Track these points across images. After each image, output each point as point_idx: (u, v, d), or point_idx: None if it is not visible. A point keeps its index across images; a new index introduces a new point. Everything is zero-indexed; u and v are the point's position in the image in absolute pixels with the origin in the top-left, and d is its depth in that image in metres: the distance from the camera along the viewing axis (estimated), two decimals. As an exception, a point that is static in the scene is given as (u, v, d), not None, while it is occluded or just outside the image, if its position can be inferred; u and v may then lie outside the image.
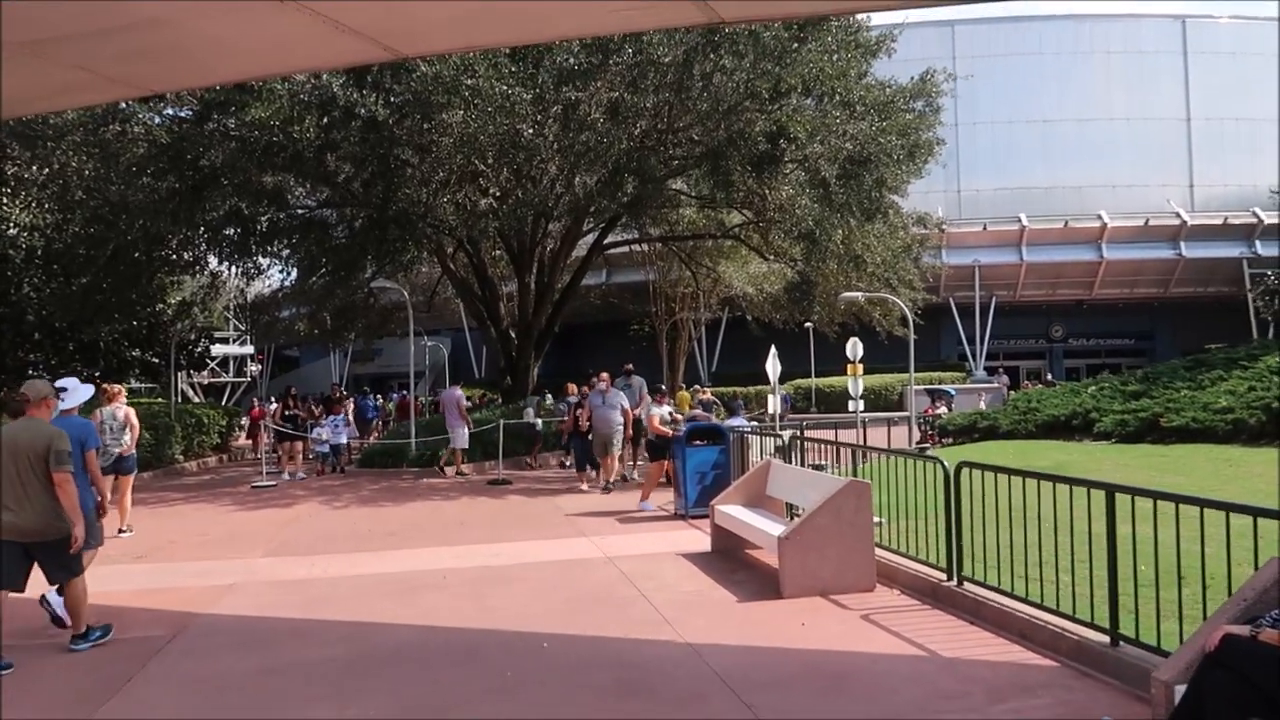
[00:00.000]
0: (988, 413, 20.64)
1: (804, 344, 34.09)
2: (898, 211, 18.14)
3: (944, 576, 6.67)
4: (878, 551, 7.28)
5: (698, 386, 30.21)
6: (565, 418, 16.27)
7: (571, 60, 14.74)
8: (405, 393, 32.01)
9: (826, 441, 9.74)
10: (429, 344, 34.85)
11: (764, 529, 7.59)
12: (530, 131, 15.56)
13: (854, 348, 17.53)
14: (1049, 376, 37.81)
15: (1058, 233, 38.33)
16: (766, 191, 17.92)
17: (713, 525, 8.85)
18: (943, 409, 24.60)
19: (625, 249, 30.65)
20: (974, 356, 39.39)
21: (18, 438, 5.99)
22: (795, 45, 15.04)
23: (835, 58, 15.44)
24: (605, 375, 14.90)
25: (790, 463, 9.57)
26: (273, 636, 6.52)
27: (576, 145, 15.29)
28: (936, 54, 30.06)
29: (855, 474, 9.24)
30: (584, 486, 14.36)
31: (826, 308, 21.41)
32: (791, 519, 8.87)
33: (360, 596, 7.64)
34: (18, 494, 5.90)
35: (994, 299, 39.48)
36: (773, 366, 16.93)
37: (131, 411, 10.93)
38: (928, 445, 18.96)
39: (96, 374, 26.37)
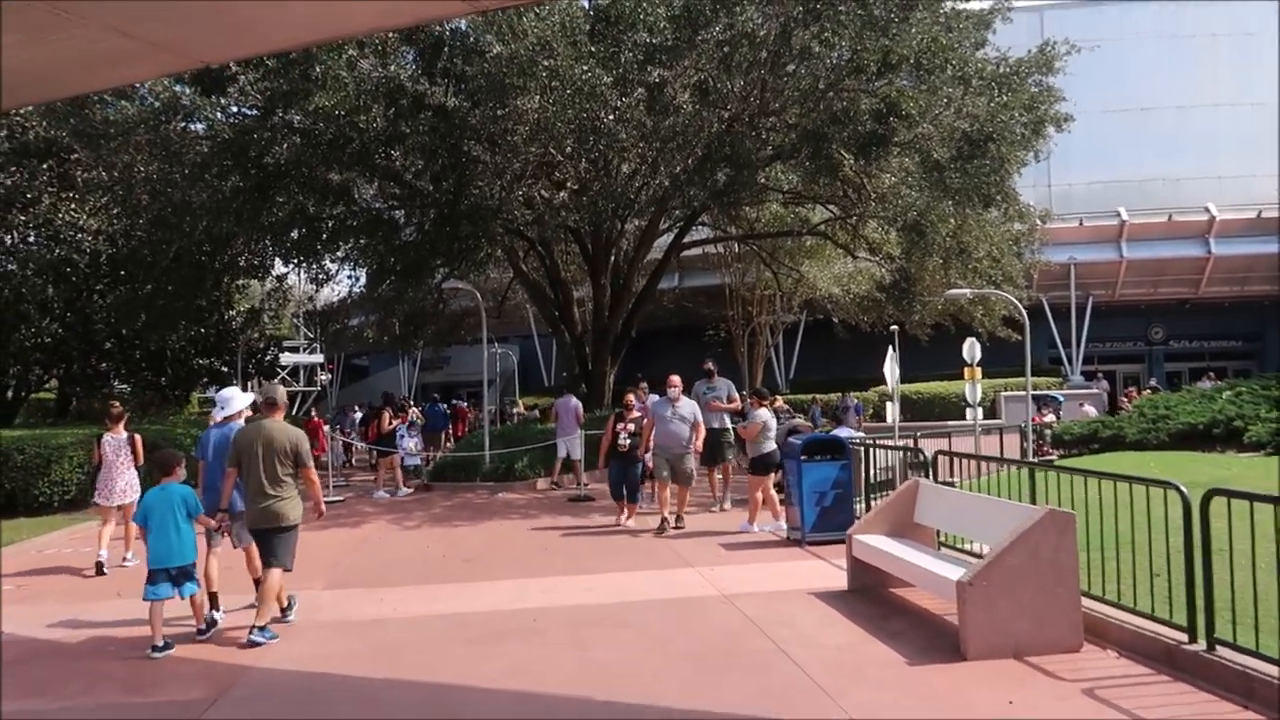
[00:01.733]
0: (1110, 421, 18.76)
1: (882, 348, 32.25)
2: (1015, 198, 16.43)
3: (1183, 637, 5.15)
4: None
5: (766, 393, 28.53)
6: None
7: (657, 37, 13.46)
8: (458, 401, 31.09)
9: (989, 459, 8.23)
10: (498, 351, 33.90)
11: (931, 569, 6.14)
12: (612, 117, 14.32)
13: (971, 349, 15.86)
14: (1152, 381, 35.30)
15: (1161, 227, 35.75)
16: (865, 180, 16.43)
17: (850, 558, 7.41)
18: (1050, 416, 22.69)
19: (699, 251, 29.29)
20: (1070, 360, 36.99)
21: (272, 437, 6.67)
22: (904, 14, 13.57)
23: (949, 27, 13.89)
24: (676, 379, 11.54)
25: (927, 479, 8.09)
26: (333, 702, 5.30)
27: (662, 130, 14.00)
28: (1024, 42, 28.18)
29: (989, 491, 7.75)
30: (627, 521, 11.42)
31: (926, 307, 19.71)
32: (939, 548, 7.43)
33: (437, 645, 6.39)
34: (267, 487, 6.61)
35: (1090, 299, 37.06)
36: (890, 370, 15.36)
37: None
38: (1052, 457, 17.16)
39: (163, 381, 25.99)
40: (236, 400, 7.68)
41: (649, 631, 6.48)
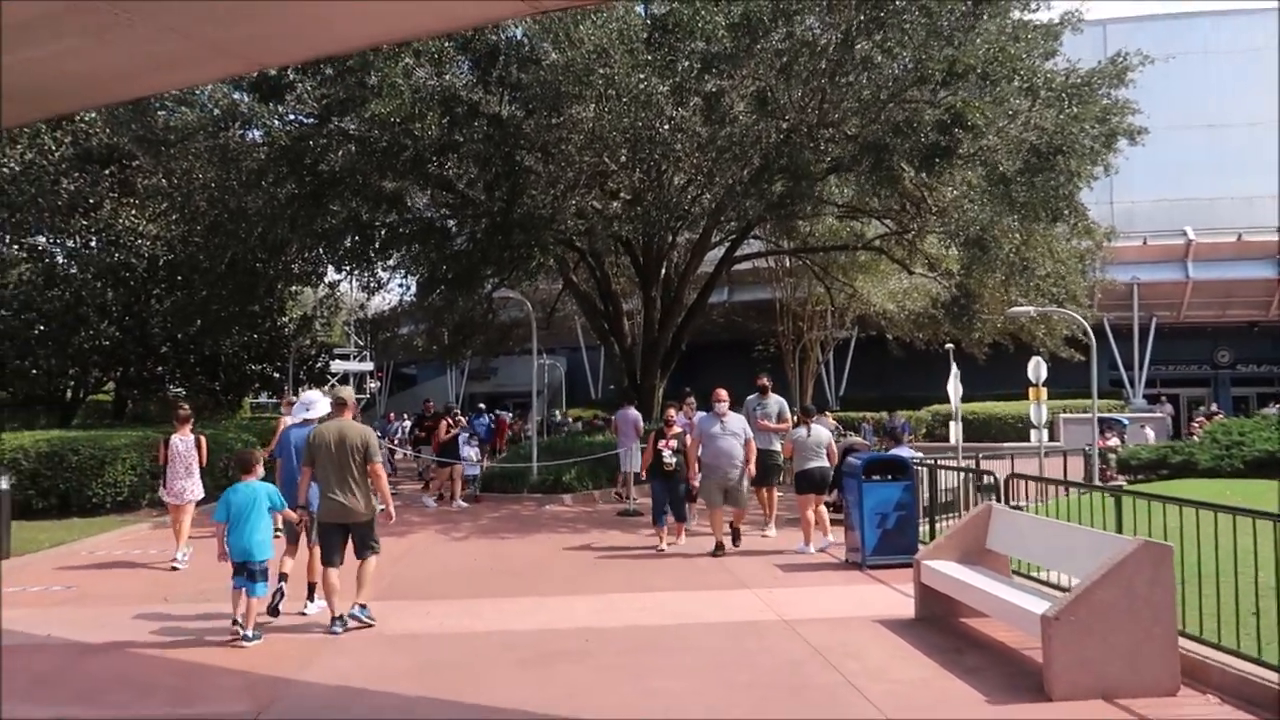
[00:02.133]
0: (1181, 446, 18.00)
1: (940, 366, 31.60)
2: (1084, 213, 15.86)
3: (1294, 683, 4.72)
4: (1174, 638, 5.35)
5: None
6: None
7: (715, 46, 13.21)
8: (501, 413, 30.92)
9: (1067, 483, 7.80)
10: (546, 362, 33.82)
11: (1011, 600, 5.75)
12: (667, 126, 14.10)
13: (1036, 369, 15.27)
14: (1214, 406, 34.08)
15: (1230, 247, 34.58)
16: (925, 193, 16.00)
17: (918, 585, 7.02)
18: (1114, 440, 21.89)
19: (749, 265, 28.92)
20: (1132, 383, 35.89)
21: (345, 434, 6.99)
22: (970, 23, 13.18)
23: (1016, 37, 13.46)
24: (723, 392, 10.62)
25: (997, 502, 7.68)
26: (378, 723, 5.07)
27: (718, 140, 13.74)
28: (1088, 57, 27.38)
29: (1057, 515, 7.30)
30: (663, 546, 10.52)
31: (986, 325, 19.14)
32: (1013, 575, 7.02)
33: (484, 664, 6.14)
34: (343, 482, 6.94)
35: (1154, 320, 35.96)
36: (954, 388, 14.86)
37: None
38: (1119, 482, 16.48)
39: (217, 385, 26.27)
40: (320, 403, 7.92)
41: (708, 658, 6.16)
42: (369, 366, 52.10)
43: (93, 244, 21.68)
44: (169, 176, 18.79)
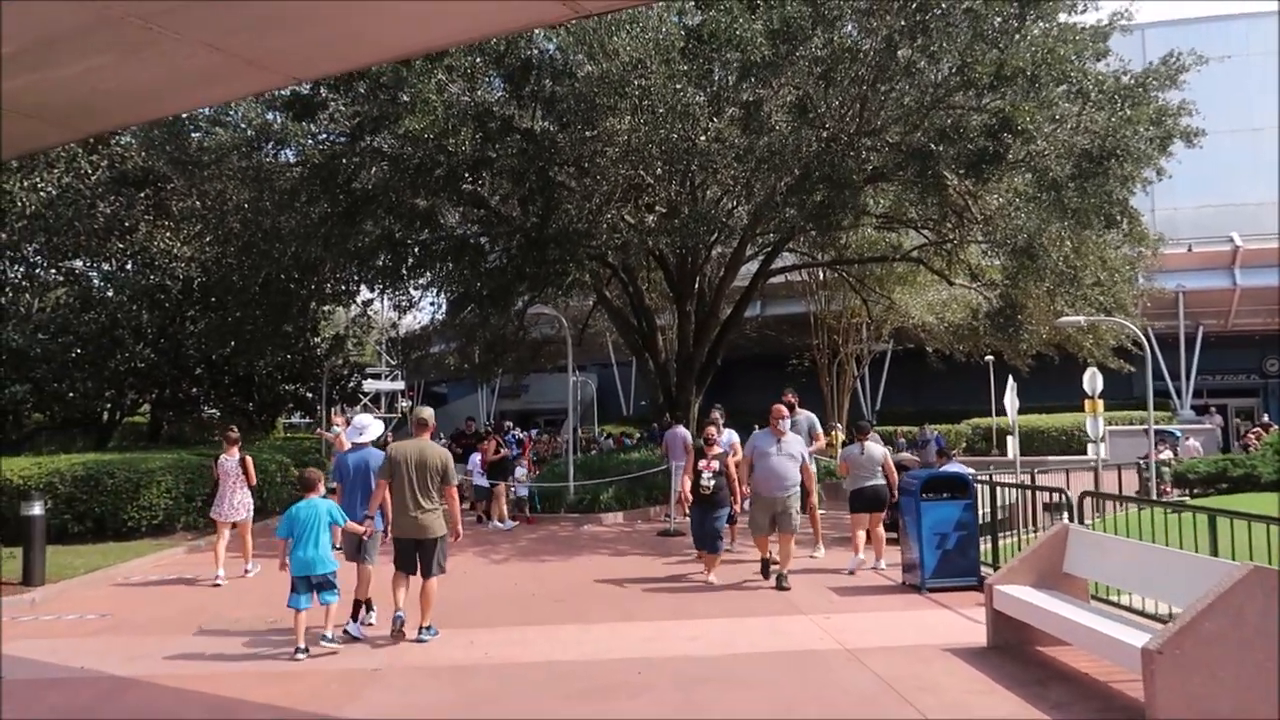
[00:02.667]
0: (1241, 459, 17.35)
1: (979, 379, 30.97)
2: (1138, 219, 15.33)
3: None
4: None
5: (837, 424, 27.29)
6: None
7: (754, 54, 12.90)
8: (532, 431, 30.57)
9: (1144, 501, 7.36)
10: (578, 379, 33.56)
11: (1103, 630, 5.33)
12: (704, 137, 13.81)
13: (1092, 380, 14.74)
14: (1265, 418, 33.08)
15: (1278, 253, 33.72)
16: (970, 201, 15.57)
17: (990, 611, 6.61)
18: (1167, 453, 21.21)
19: (782, 279, 28.48)
20: (1179, 394, 34.94)
21: (425, 454, 7.23)
22: (1017, 25, 12.78)
23: (1064, 39, 13.05)
24: (782, 408, 9.83)
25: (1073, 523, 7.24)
26: (426, 767, 4.75)
27: (757, 149, 13.41)
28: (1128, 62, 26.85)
29: (1120, 533, 6.85)
30: (711, 578, 9.60)
31: (1033, 336, 18.60)
32: (1092, 600, 6.59)
33: (535, 698, 5.81)
34: (420, 500, 7.16)
35: (1200, 329, 35.05)
36: (1011, 401, 14.36)
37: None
38: (1182, 498, 15.88)
39: (250, 406, 26.25)
40: (372, 428, 8.25)
41: (772, 693, 5.79)
42: (400, 385, 52.14)
43: (129, 267, 21.76)
44: (203, 198, 18.79)
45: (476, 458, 15.63)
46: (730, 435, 11.96)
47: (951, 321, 24.93)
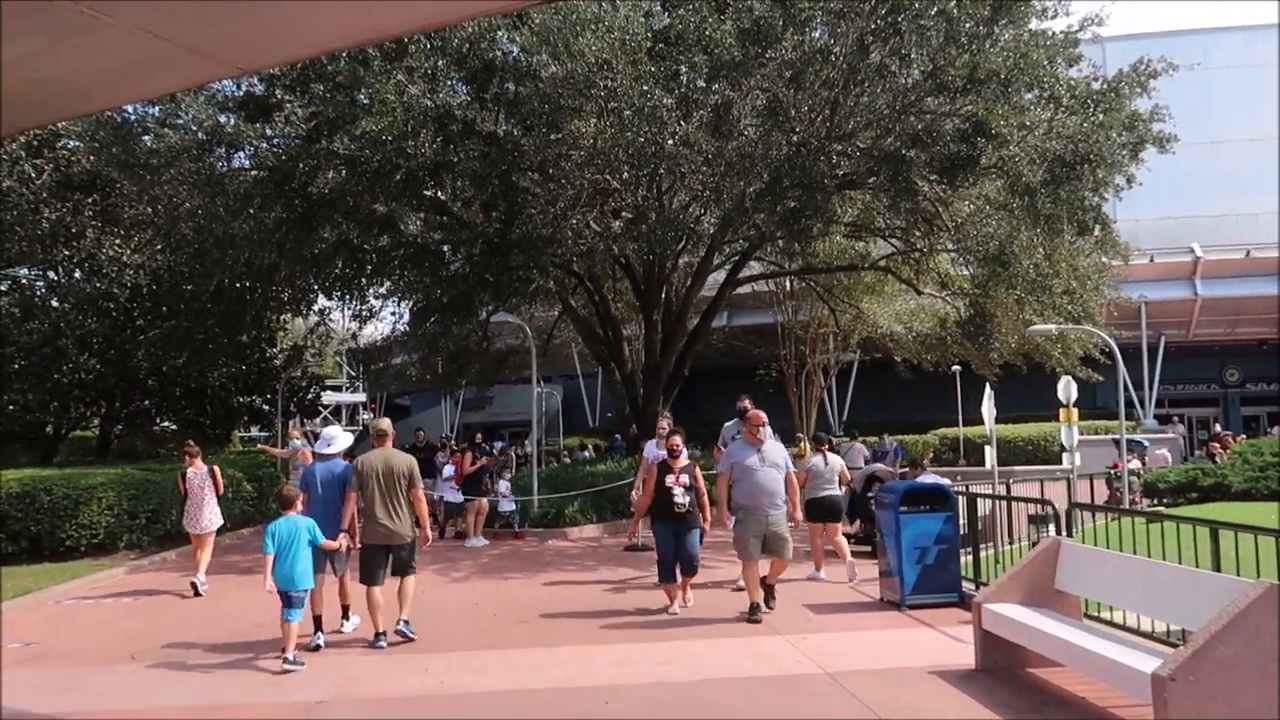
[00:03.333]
0: (1211, 468, 17.29)
1: (946, 389, 30.93)
2: (1110, 225, 15.20)
3: None
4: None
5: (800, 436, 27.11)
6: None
7: (724, 54, 12.58)
8: (498, 444, 29.86)
9: (1135, 512, 7.06)
10: (543, 391, 33.03)
11: (1106, 654, 4.97)
12: (672, 141, 13.47)
13: (1067, 388, 14.54)
14: (1217, 428, 33.34)
15: (1238, 264, 34.04)
16: (940, 208, 15.36)
17: (979, 631, 6.25)
18: (1135, 463, 21.14)
19: (749, 289, 28.23)
20: (1142, 404, 35.17)
21: (390, 463, 7.51)
22: (989, 29, 12.60)
23: (1038, 42, 12.89)
24: (762, 414, 8.63)
25: (1049, 533, 6.92)
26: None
27: (726, 154, 13.08)
28: (1088, 74, 27.04)
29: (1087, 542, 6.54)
30: (674, 609, 8.60)
31: (1003, 346, 18.43)
32: (1084, 618, 6.26)
33: (494, 734, 5.35)
34: (389, 507, 7.43)
35: (1162, 339, 35.35)
36: (989, 410, 14.09)
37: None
38: (1156, 508, 15.75)
39: (204, 420, 25.41)
40: (340, 439, 8.39)
41: (749, 723, 5.37)
42: (362, 398, 51.28)
43: (76, 275, 20.93)
44: (153, 203, 18.07)
45: (449, 470, 14.99)
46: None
47: (919, 331, 24.78)
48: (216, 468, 11.10)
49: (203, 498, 10.74)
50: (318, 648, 7.35)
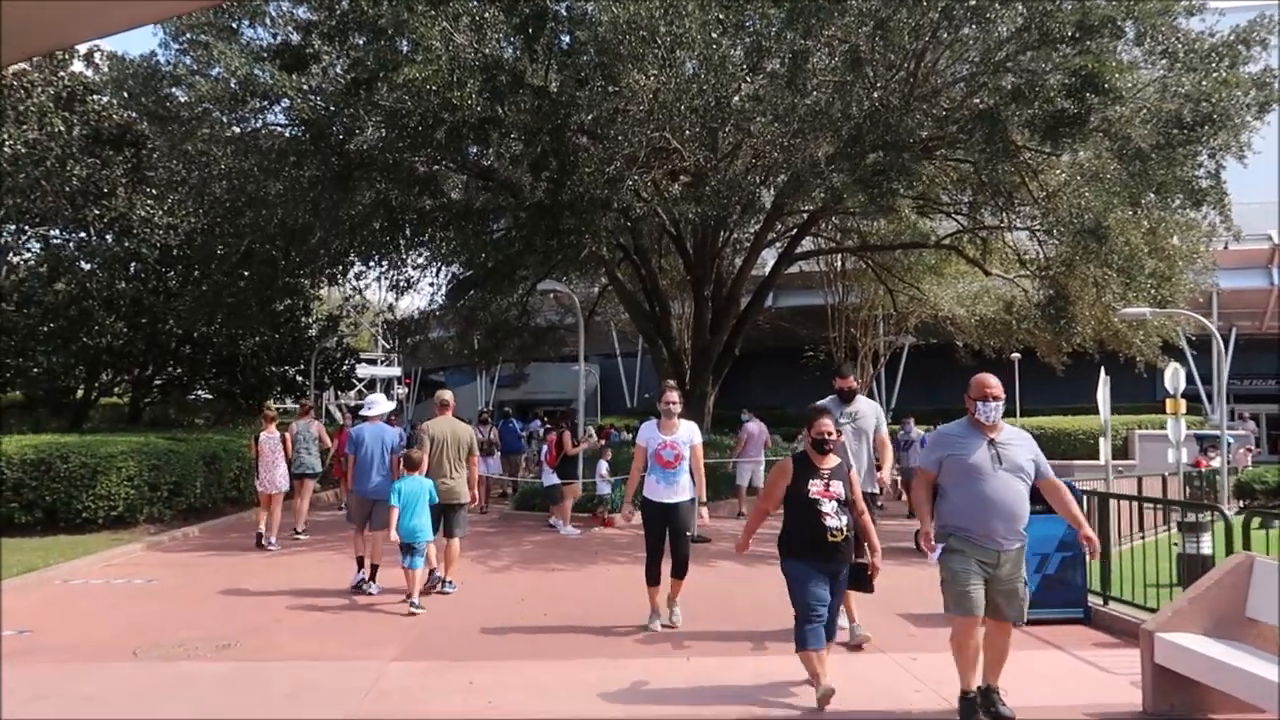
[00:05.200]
0: (1312, 469, 15.86)
1: (1001, 377, 29.45)
2: (1223, 196, 13.72)
3: None
4: None
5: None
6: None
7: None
8: (534, 424, 28.84)
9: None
10: (585, 368, 32.02)
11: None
12: (739, 96, 12.28)
13: (1175, 377, 13.19)
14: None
15: (1318, 252, 32.26)
16: (1026, 178, 14.03)
17: (1151, 666, 5.08)
18: (1216, 461, 19.69)
19: (796, 268, 26.90)
20: (1209, 398, 33.40)
21: (456, 431, 8.51)
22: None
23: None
24: (988, 379, 5.37)
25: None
26: None
27: (800, 109, 11.87)
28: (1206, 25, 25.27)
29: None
30: (823, 687, 5.36)
31: (1085, 329, 17.04)
32: None
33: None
34: (452, 470, 8.37)
35: (1234, 330, 33.54)
36: (1103, 397, 12.79)
37: (320, 426, 12.96)
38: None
39: (236, 390, 24.69)
40: (381, 404, 9.46)
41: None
42: (397, 372, 50.67)
43: (108, 238, 20.15)
44: (184, 160, 17.18)
45: (543, 450, 13.89)
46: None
47: (983, 314, 23.44)
48: (287, 434, 11.83)
49: (274, 460, 11.55)
50: (364, 591, 8.47)
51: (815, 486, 5.37)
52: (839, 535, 5.31)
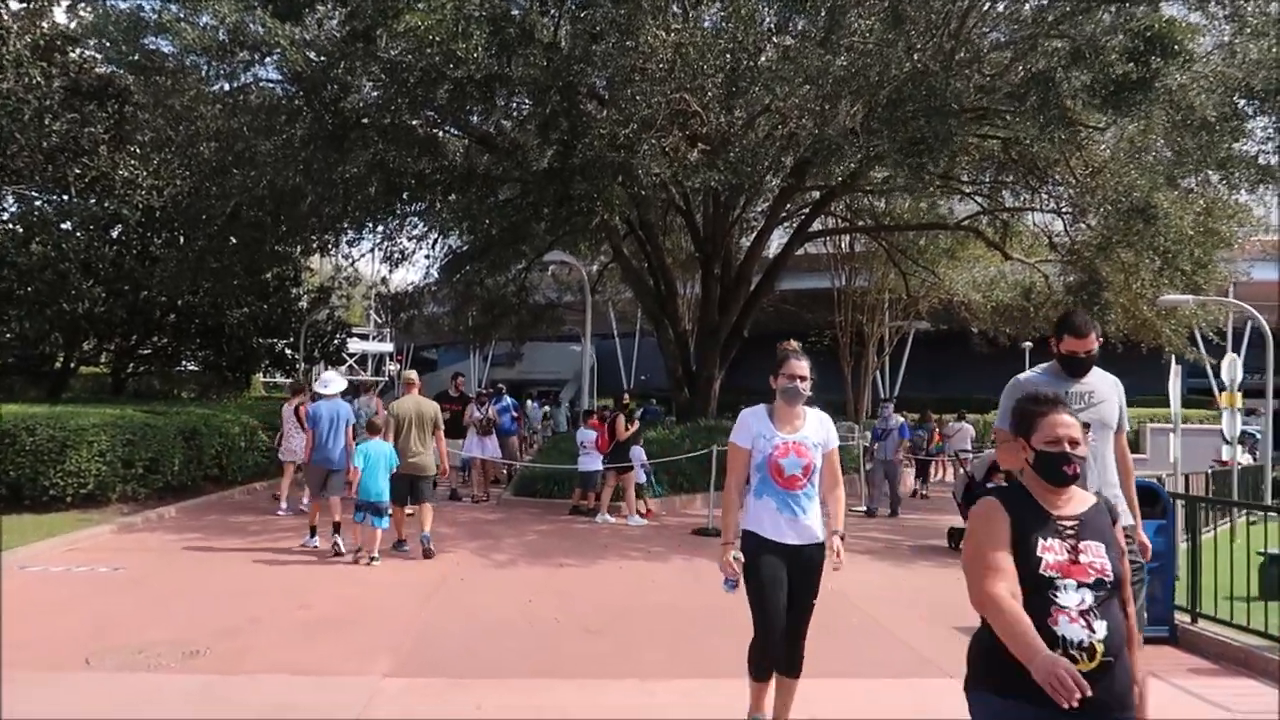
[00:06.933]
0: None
1: (1008, 365, 28.65)
2: (1280, 174, 12.86)
3: None
4: None
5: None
6: None
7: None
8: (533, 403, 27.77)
9: None
10: (579, 349, 31.16)
11: None
12: (767, 55, 11.34)
13: (1231, 367, 12.39)
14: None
15: (1350, 245, 31.40)
16: (1064, 154, 13.16)
17: (1298, 710, 4.25)
18: (1246, 456, 18.94)
19: (802, 250, 25.99)
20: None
21: (421, 408, 9.54)
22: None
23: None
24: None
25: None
26: None
27: (833, 70, 10.93)
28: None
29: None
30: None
31: (1119, 316, 16.24)
32: None
33: None
34: (418, 444, 9.34)
35: (1249, 324, 32.75)
36: (1175, 388, 11.94)
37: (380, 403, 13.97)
38: None
39: (222, 362, 23.75)
40: (335, 382, 10.19)
41: None
42: (389, 348, 49.74)
43: (91, 200, 19.09)
44: (169, 117, 16.12)
45: (591, 436, 12.50)
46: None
47: (1000, 300, 22.63)
48: (303, 406, 11.71)
49: (291, 430, 12.09)
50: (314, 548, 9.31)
51: (1052, 554, 2.57)
52: (1093, 655, 2.46)
